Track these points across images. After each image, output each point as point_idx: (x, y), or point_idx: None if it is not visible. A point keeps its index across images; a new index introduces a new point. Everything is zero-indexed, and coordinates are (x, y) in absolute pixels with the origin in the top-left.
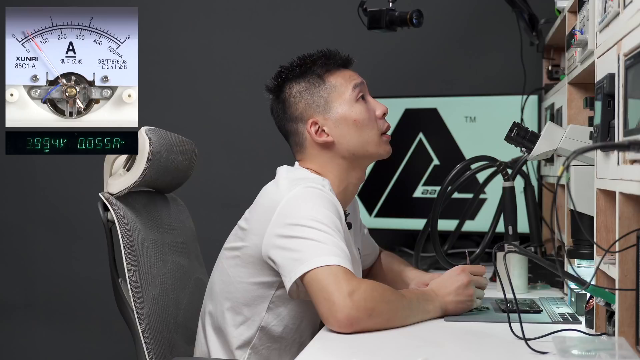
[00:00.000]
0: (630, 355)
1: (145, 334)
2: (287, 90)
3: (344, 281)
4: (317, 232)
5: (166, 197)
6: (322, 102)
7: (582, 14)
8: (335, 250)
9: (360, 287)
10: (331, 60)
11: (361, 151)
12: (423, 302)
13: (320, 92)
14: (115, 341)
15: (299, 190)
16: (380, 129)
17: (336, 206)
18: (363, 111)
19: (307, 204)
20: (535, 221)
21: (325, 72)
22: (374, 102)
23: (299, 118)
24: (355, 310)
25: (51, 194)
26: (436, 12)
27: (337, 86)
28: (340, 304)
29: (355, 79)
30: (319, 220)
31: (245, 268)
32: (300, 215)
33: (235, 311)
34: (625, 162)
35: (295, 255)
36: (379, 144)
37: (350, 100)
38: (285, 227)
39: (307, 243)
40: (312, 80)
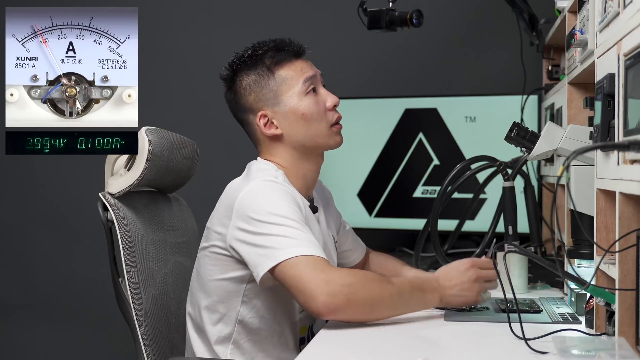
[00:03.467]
0: (630, 355)
1: (144, 333)
2: (238, 81)
3: (318, 270)
4: (281, 228)
5: (168, 197)
6: (271, 96)
7: (582, 14)
8: (304, 242)
9: (336, 275)
10: (282, 52)
11: (310, 143)
12: (419, 292)
13: (270, 85)
14: (115, 341)
15: (253, 185)
16: (330, 121)
17: (292, 195)
18: (312, 104)
19: (264, 198)
20: (535, 221)
21: (275, 65)
22: (325, 93)
23: (249, 110)
24: (332, 297)
25: (51, 194)
26: (436, 12)
27: (287, 79)
28: (316, 291)
29: (307, 71)
30: (281, 215)
31: (215, 266)
32: (260, 210)
33: (211, 309)
34: (625, 162)
35: (262, 251)
36: (328, 136)
37: (299, 93)
38: (247, 222)
39: (274, 239)
40: (261, 73)
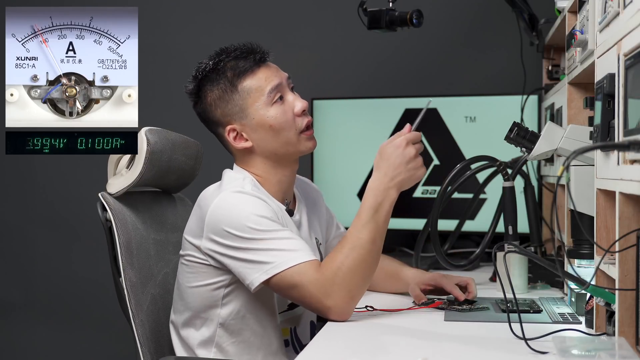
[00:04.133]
0: (630, 355)
1: (140, 332)
2: (203, 97)
3: (309, 274)
4: (263, 242)
5: (173, 197)
6: (237, 110)
7: (582, 14)
8: (288, 251)
9: (324, 265)
10: (243, 61)
11: (282, 151)
12: (379, 208)
13: (234, 99)
14: (115, 341)
15: (221, 198)
16: (299, 127)
17: (263, 201)
18: (279, 114)
19: (235, 211)
20: (535, 221)
21: (237, 78)
22: (293, 99)
23: (218, 124)
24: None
25: (51, 194)
26: (436, 12)
27: (252, 91)
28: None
29: (272, 80)
30: (257, 227)
31: (192, 273)
32: (236, 224)
33: (193, 314)
34: (625, 162)
35: (250, 265)
36: (299, 143)
37: (265, 104)
38: (224, 236)
39: (260, 253)
40: (225, 88)
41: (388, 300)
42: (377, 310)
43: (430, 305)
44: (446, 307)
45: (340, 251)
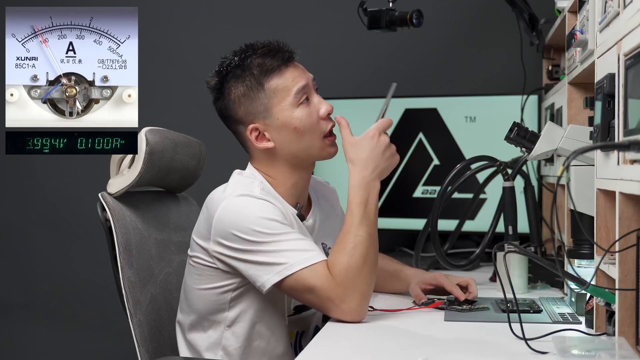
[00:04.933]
0: (630, 355)
1: (137, 332)
2: (227, 92)
3: (323, 277)
4: (270, 244)
5: (177, 197)
6: (262, 109)
7: (582, 14)
8: (299, 252)
9: (333, 268)
10: (270, 60)
11: (303, 155)
12: (367, 203)
13: (260, 98)
14: (115, 341)
15: (228, 201)
16: (323, 131)
17: (268, 203)
18: (304, 117)
19: (242, 215)
20: (535, 221)
21: (264, 76)
22: (318, 101)
23: (240, 122)
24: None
25: (51, 194)
26: (436, 12)
27: (278, 91)
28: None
29: (299, 81)
30: (263, 232)
31: (200, 276)
32: (244, 228)
33: (200, 316)
34: (625, 162)
35: (260, 267)
36: (322, 148)
37: (291, 105)
38: (233, 240)
39: (269, 256)
40: (250, 86)
41: (388, 300)
42: (377, 310)
43: (430, 305)
44: (446, 307)
45: (343, 252)
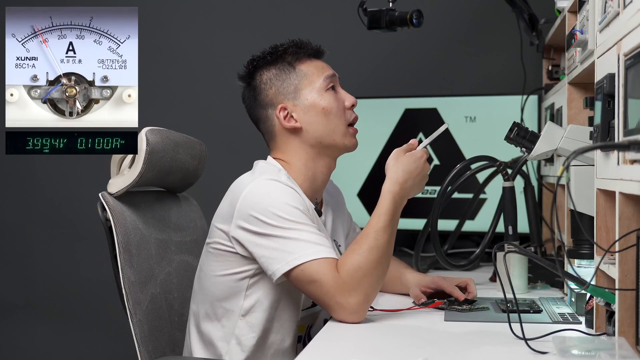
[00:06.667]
0: (630, 355)
1: (137, 331)
2: (257, 77)
3: (329, 271)
4: (287, 231)
5: (177, 197)
6: (292, 89)
7: (582, 14)
8: (312, 245)
9: (343, 266)
10: (302, 49)
11: (327, 140)
12: (396, 213)
13: (291, 78)
14: (115, 341)
15: (255, 184)
16: (348, 119)
17: (295, 192)
18: (332, 100)
19: (267, 198)
20: (535, 221)
21: (295, 60)
22: (344, 93)
23: (269, 104)
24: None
25: (51, 194)
26: (436, 12)
27: (308, 74)
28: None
29: (327, 70)
30: (285, 216)
31: (218, 262)
32: (264, 210)
33: (215, 305)
34: (625, 162)
35: (273, 254)
36: (345, 135)
37: (320, 88)
38: (251, 222)
39: (282, 242)
40: (282, 67)
41: (388, 300)
42: (377, 310)
43: (430, 305)
44: (446, 307)
45: (358, 252)
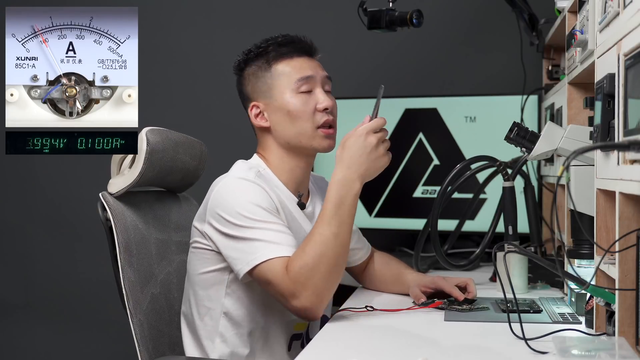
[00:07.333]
0: (630, 355)
1: (137, 331)
2: (244, 71)
3: (279, 272)
4: (250, 230)
5: (178, 197)
6: (265, 88)
7: (582, 14)
8: (272, 244)
9: (290, 265)
10: (285, 47)
11: (294, 141)
12: (342, 202)
13: (265, 77)
14: (115, 341)
15: (223, 183)
16: (317, 122)
17: (261, 189)
18: (300, 103)
19: (232, 196)
20: (535, 221)
21: (274, 59)
22: (321, 95)
23: (246, 99)
24: (295, 284)
25: (51, 194)
26: (436, 12)
27: (283, 75)
28: (288, 293)
29: (305, 71)
30: (248, 215)
31: (198, 260)
32: (229, 209)
33: (199, 303)
34: (625, 162)
35: (237, 254)
36: (313, 137)
37: (291, 90)
38: (218, 220)
39: (245, 243)
40: (260, 65)
41: (388, 300)
42: (377, 310)
43: (430, 305)
44: (446, 307)
45: (303, 249)
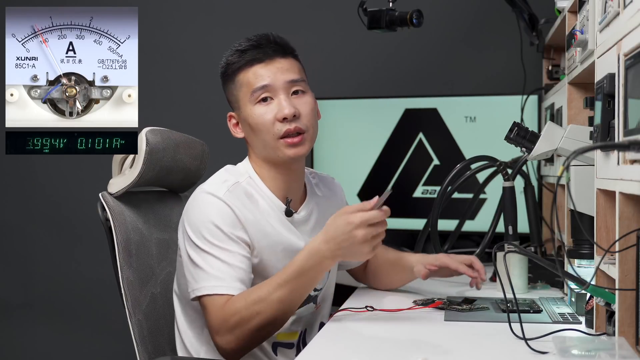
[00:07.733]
0: (630, 355)
1: (136, 331)
2: (223, 81)
3: (214, 309)
4: (203, 255)
5: (180, 197)
6: (233, 100)
7: (582, 14)
8: (210, 278)
9: (228, 305)
10: (245, 54)
11: (264, 153)
12: (305, 272)
13: (231, 89)
14: (115, 341)
15: (193, 196)
16: (277, 133)
17: (227, 208)
18: (257, 115)
19: (197, 213)
20: (535, 221)
21: (237, 70)
22: (281, 103)
23: (230, 107)
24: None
25: (52, 194)
26: (436, 12)
27: (242, 86)
28: (214, 329)
29: (260, 80)
30: (205, 237)
31: (180, 265)
32: (192, 226)
33: (184, 304)
34: (625, 162)
35: (189, 276)
36: (276, 149)
37: (250, 102)
38: (185, 235)
39: (194, 269)
40: (228, 75)
41: (388, 300)
42: (377, 310)
43: (430, 305)
44: (446, 307)
45: (247, 296)
